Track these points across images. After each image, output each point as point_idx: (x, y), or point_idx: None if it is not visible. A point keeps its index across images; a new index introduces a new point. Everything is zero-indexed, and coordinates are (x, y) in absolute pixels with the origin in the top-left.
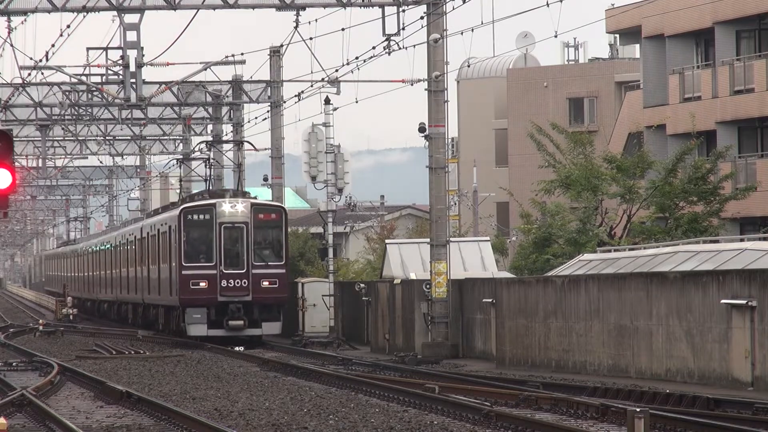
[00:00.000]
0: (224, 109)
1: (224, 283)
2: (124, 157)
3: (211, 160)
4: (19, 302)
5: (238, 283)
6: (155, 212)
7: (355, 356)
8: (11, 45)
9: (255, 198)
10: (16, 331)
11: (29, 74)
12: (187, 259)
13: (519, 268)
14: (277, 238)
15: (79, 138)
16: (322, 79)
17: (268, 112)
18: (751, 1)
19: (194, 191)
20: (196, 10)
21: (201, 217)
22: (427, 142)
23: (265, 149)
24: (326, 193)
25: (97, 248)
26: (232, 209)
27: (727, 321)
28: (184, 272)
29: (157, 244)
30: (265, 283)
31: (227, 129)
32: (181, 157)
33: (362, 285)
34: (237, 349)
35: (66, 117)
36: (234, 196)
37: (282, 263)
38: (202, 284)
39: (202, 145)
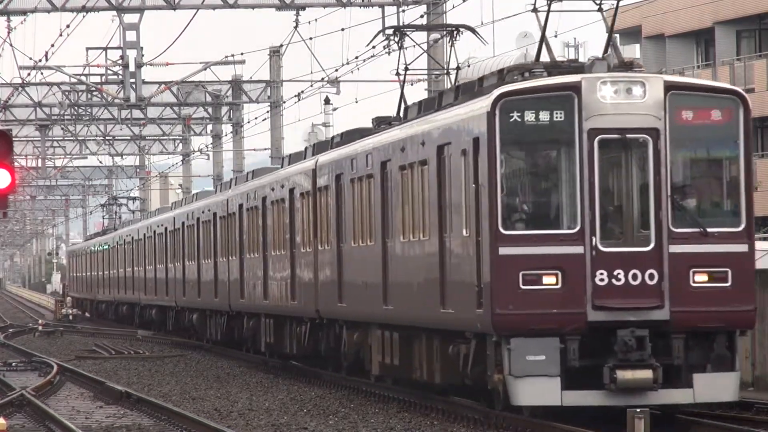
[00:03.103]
0: (224, 109)
1: (601, 276)
2: (124, 157)
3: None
4: (19, 302)
5: (635, 276)
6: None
7: None
8: (11, 45)
9: (663, 72)
10: (16, 331)
11: (29, 74)
12: (507, 222)
13: None
14: (729, 173)
15: (79, 138)
16: (322, 79)
17: (267, 112)
18: (751, 1)
19: (195, 191)
20: (195, 10)
21: (540, 116)
22: None
23: (265, 149)
24: None
25: (176, 226)
26: (618, 98)
27: None
28: (502, 250)
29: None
30: (701, 279)
31: (227, 129)
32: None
33: None
34: None
35: (65, 117)
36: (612, 69)
37: (741, 230)
38: (548, 281)
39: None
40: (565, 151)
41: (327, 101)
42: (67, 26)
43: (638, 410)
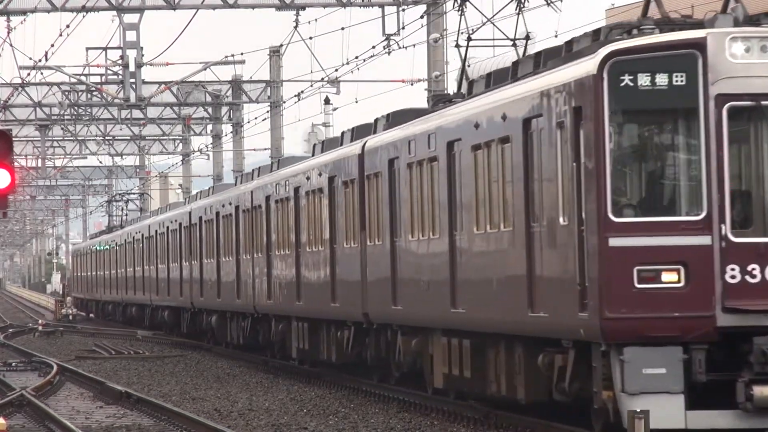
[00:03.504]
0: (224, 109)
1: (732, 273)
2: (124, 157)
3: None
4: (19, 302)
5: None
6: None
7: None
8: (11, 45)
9: None
10: (16, 332)
11: (29, 74)
12: (617, 207)
13: None
14: None
15: (79, 138)
16: (322, 79)
17: (267, 112)
18: (751, 1)
19: (195, 191)
20: (195, 10)
21: (657, 80)
22: None
23: (265, 149)
24: None
25: (192, 221)
26: (751, 57)
27: None
28: (613, 240)
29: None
30: None
31: (227, 129)
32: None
33: None
34: None
35: (65, 117)
36: (739, 25)
37: None
38: (669, 278)
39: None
40: (688, 122)
41: (327, 101)
42: (67, 26)
43: (638, 410)
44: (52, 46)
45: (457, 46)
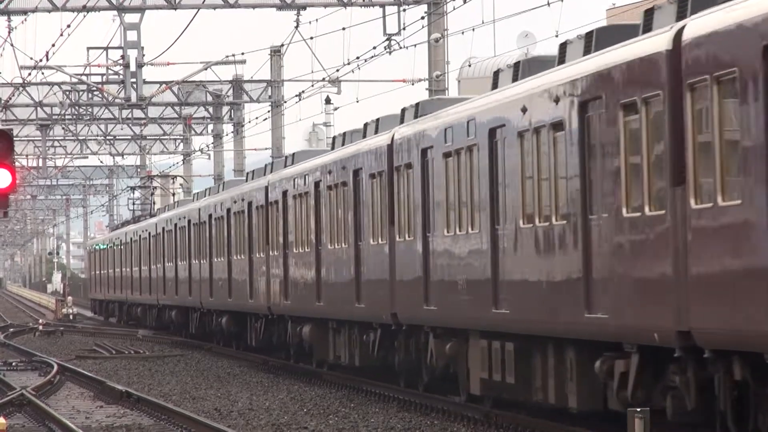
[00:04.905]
0: (225, 109)
1: None
2: (125, 156)
3: None
4: (19, 302)
5: None
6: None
7: None
8: (11, 45)
9: None
10: (16, 331)
11: (29, 74)
12: None
13: None
14: None
15: (80, 138)
16: (323, 79)
17: (268, 111)
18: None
19: (195, 191)
20: (196, 10)
21: None
22: None
23: (266, 149)
24: None
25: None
26: None
27: None
28: None
29: None
30: None
31: (228, 129)
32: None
33: None
34: None
35: (66, 117)
36: None
37: None
38: None
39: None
40: None
41: (328, 101)
42: (68, 26)
43: (638, 410)
44: (53, 45)
45: None
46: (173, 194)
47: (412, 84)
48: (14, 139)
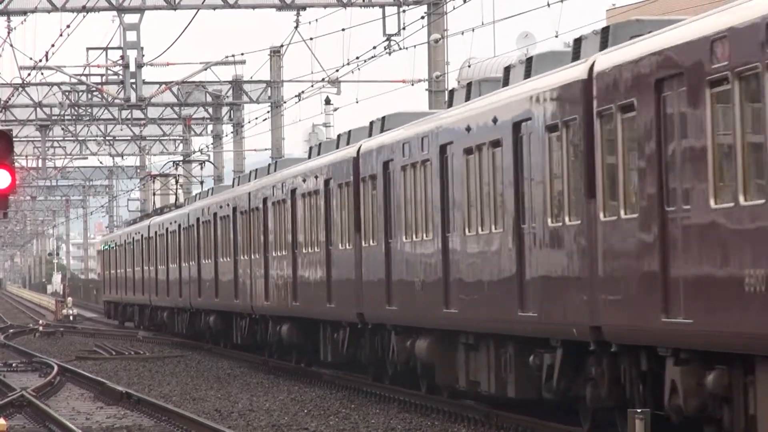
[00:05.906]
0: (224, 110)
1: None
2: (124, 157)
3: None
4: (19, 303)
5: None
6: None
7: None
8: (11, 45)
9: None
10: (16, 332)
11: (29, 74)
12: None
13: None
14: None
15: (79, 138)
16: (323, 80)
17: (268, 112)
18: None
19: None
20: (196, 10)
21: None
22: None
23: (266, 149)
24: None
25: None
26: None
27: None
28: None
29: None
30: None
31: (227, 129)
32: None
33: None
34: None
35: (66, 117)
36: None
37: None
38: None
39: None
40: None
41: (327, 101)
42: (68, 26)
43: (638, 411)
44: (53, 46)
45: None
46: (201, 182)
47: (412, 84)
48: (14, 139)
